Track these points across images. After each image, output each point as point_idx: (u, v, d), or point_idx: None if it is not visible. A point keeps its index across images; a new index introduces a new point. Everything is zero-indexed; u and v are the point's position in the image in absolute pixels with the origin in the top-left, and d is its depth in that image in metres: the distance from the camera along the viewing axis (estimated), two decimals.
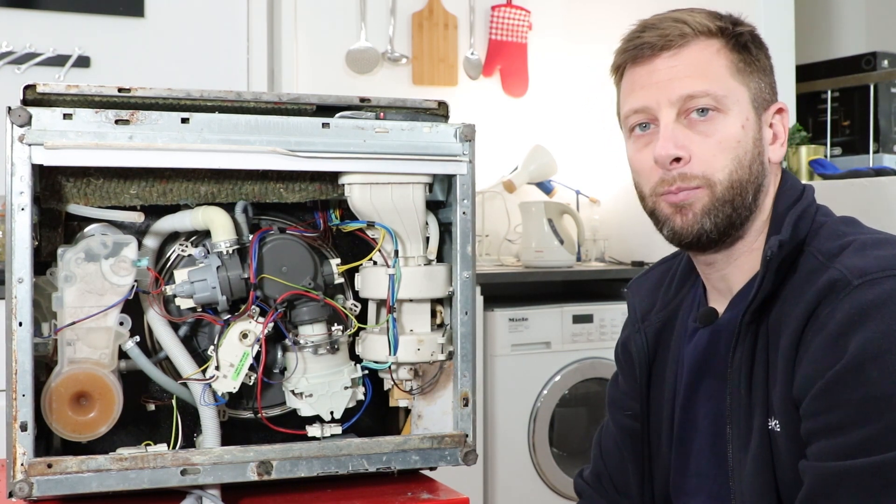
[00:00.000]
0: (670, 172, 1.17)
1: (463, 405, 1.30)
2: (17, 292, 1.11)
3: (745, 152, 1.17)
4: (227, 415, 1.29)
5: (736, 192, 1.17)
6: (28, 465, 1.11)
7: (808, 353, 1.08)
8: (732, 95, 1.18)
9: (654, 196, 1.21)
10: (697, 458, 1.26)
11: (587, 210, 3.68)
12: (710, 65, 1.18)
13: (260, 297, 1.24)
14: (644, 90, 1.20)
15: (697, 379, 1.26)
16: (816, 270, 1.11)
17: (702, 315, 1.27)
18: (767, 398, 1.14)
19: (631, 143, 1.25)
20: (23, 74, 3.02)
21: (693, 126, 1.18)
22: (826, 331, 1.06)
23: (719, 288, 1.26)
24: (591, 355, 3.09)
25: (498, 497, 3.01)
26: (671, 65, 1.19)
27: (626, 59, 1.23)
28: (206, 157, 1.18)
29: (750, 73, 1.20)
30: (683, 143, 1.17)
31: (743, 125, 1.18)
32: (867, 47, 3.91)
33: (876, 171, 2.76)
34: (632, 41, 1.22)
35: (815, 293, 1.09)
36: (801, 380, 1.08)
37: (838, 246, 1.13)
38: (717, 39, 1.19)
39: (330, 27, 3.47)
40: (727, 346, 1.21)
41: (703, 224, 1.17)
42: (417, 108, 1.31)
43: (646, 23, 1.23)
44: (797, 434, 1.09)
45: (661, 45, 1.19)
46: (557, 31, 3.84)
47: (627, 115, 1.24)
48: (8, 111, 1.11)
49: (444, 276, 1.30)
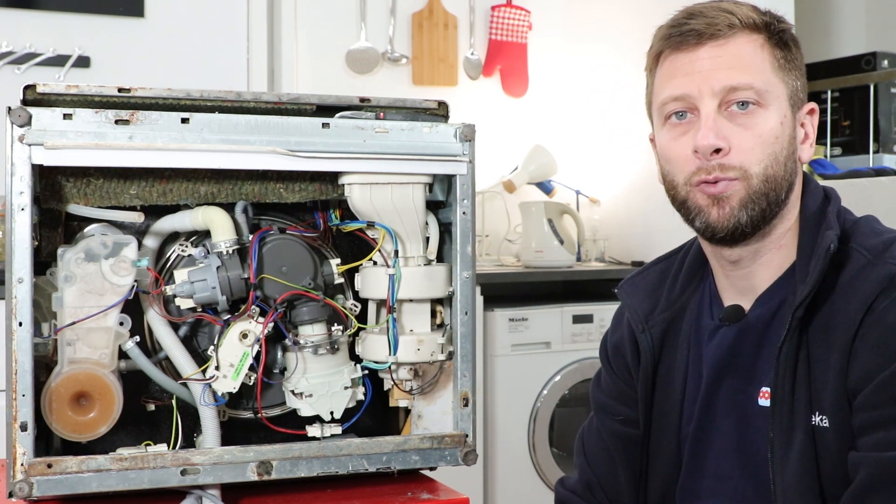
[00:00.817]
0: (709, 162, 1.16)
1: (463, 405, 1.30)
2: (17, 292, 1.11)
3: (781, 148, 1.17)
4: (227, 415, 1.29)
5: (770, 187, 1.17)
6: (28, 465, 1.11)
7: (866, 346, 1.09)
8: (773, 91, 1.17)
9: (688, 185, 1.20)
10: (717, 459, 1.24)
11: (587, 210, 3.68)
12: (754, 58, 1.17)
13: (260, 297, 1.24)
14: (686, 78, 1.18)
15: (719, 378, 1.24)
16: (865, 267, 1.12)
17: (727, 313, 1.25)
18: (810, 395, 1.14)
19: (665, 132, 1.23)
20: (23, 74, 3.02)
21: (733, 118, 1.17)
22: (885, 323, 1.08)
23: (740, 286, 1.24)
24: (591, 355, 3.09)
25: (498, 497, 3.01)
26: (716, 55, 1.17)
27: (669, 45, 1.21)
28: (206, 157, 1.17)
29: (789, 71, 1.20)
30: (725, 135, 1.16)
31: (781, 121, 1.18)
32: (867, 47, 3.91)
33: (876, 171, 2.75)
34: (677, 27, 1.20)
35: (871, 288, 1.10)
36: (859, 372, 1.09)
37: (881, 242, 1.15)
38: (762, 34, 1.19)
39: (330, 27, 3.47)
40: (754, 344, 1.21)
41: (740, 218, 1.17)
42: (417, 108, 1.31)
43: (692, 10, 1.21)
44: (846, 428, 1.10)
45: (710, 33, 1.17)
46: (557, 31, 3.84)
47: (665, 101, 1.21)
48: (8, 111, 1.11)
49: (444, 276, 1.30)
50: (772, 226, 1.19)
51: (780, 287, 1.21)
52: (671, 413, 1.29)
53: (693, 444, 1.26)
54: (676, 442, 1.29)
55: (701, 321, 1.29)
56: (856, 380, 1.09)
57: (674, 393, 1.29)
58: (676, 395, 1.29)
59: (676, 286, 1.34)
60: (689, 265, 1.34)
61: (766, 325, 1.21)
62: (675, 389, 1.29)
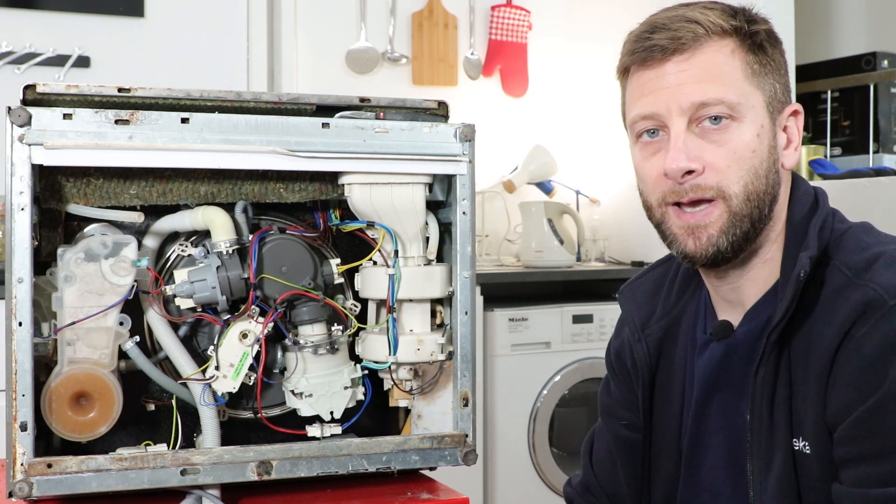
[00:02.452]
0: (682, 185, 1.11)
1: (463, 405, 1.30)
2: (17, 292, 1.11)
3: (760, 162, 1.11)
4: (226, 415, 1.29)
5: (753, 206, 1.11)
6: (28, 465, 1.11)
7: (844, 376, 1.04)
8: (747, 101, 1.11)
9: (662, 206, 1.15)
10: (710, 475, 1.22)
11: (587, 210, 3.68)
12: (723, 68, 1.11)
13: (260, 297, 1.24)
14: (653, 95, 1.13)
15: (709, 393, 1.21)
16: (845, 287, 1.06)
17: (716, 329, 1.21)
18: (790, 418, 1.10)
19: (637, 150, 1.18)
20: (23, 74, 3.02)
21: (705, 135, 1.11)
22: (862, 354, 1.02)
23: (729, 299, 1.21)
24: (590, 355, 3.09)
25: (498, 497, 3.01)
26: (683, 69, 1.11)
27: (635, 61, 1.16)
28: (205, 157, 1.17)
29: (765, 76, 1.13)
30: (697, 154, 1.10)
31: (758, 133, 1.11)
32: (867, 47, 3.91)
33: (876, 171, 2.76)
34: (640, 42, 1.14)
35: (849, 313, 1.04)
36: (837, 404, 1.04)
37: (864, 260, 1.08)
38: (732, 39, 1.12)
39: (330, 27, 3.47)
40: (743, 360, 1.17)
41: (720, 245, 1.11)
42: (417, 108, 1.31)
43: (655, 22, 1.14)
44: (829, 457, 1.06)
45: (673, 48, 1.11)
46: (557, 31, 3.84)
47: (635, 120, 1.17)
48: (8, 111, 1.11)
49: (444, 276, 1.30)
50: (758, 242, 1.14)
51: (768, 303, 1.16)
52: (671, 421, 1.28)
53: (688, 457, 1.25)
54: (677, 451, 1.27)
55: (695, 333, 1.26)
56: (834, 411, 1.05)
57: (673, 401, 1.27)
58: (675, 404, 1.27)
59: (673, 293, 1.31)
60: (684, 271, 1.31)
61: (753, 342, 1.16)
62: (674, 398, 1.27)
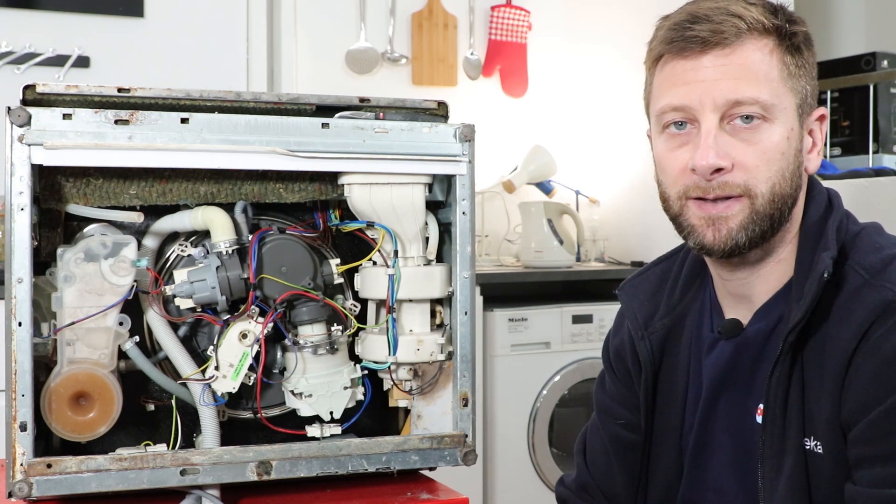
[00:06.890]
0: (709, 182, 1.10)
1: (462, 405, 1.30)
2: (17, 292, 1.11)
3: (787, 164, 1.11)
4: (226, 415, 1.29)
5: (776, 207, 1.10)
6: (27, 465, 1.11)
7: (861, 377, 1.04)
8: (780, 103, 1.10)
9: (682, 199, 1.13)
10: (716, 474, 1.21)
11: (587, 210, 3.68)
12: (761, 67, 1.09)
13: (259, 297, 1.24)
14: (687, 87, 1.11)
15: (718, 392, 1.21)
16: (862, 288, 1.06)
17: (725, 327, 1.20)
18: (802, 417, 1.10)
19: (662, 141, 1.16)
20: (22, 74, 3.02)
21: (736, 133, 1.10)
22: (880, 355, 1.02)
23: (737, 295, 1.20)
24: (590, 355, 3.09)
25: (498, 497, 3.01)
26: (721, 63, 1.09)
27: (670, 50, 1.12)
28: (205, 157, 1.17)
29: (799, 78, 1.12)
30: (726, 152, 1.09)
31: (788, 136, 1.10)
32: (867, 47, 3.91)
33: (875, 172, 2.76)
34: (679, 31, 1.11)
35: (866, 314, 1.04)
36: (853, 405, 1.04)
37: (880, 260, 1.08)
38: (771, 38, 1.10)
39: (330, 27, 3.47)
40: (752, 359, 1.16)
41: (738, 239, 1.11)
42: (417, 108, 1.31)
43: (696, 12, 1.11)
44: (841, 457, 1.06)
45: (715, 41, 1.09)
46: (557, 31, 3.84)
47: (664, 110, 1.14)
48: (7, 111, 1.11)
49: (444, 277, 1.30)
50: (773, 240, 1.14)
51: (779, 302, 1.16)
52: (673, 420, 1.27)
53: (692, 456, 1.24)
54: (678, 449, 1.27)
55: (701, 331, 1.25)
56: (850, 411, 1.05)
57: (676, 400, 1.27)
58: (678, 403, 1.26)
59: (676, 290, 1.30)
60: (688, 268, 1.30)
61: (763, 342, 1.16)
62: (678, 397, 1.26)
